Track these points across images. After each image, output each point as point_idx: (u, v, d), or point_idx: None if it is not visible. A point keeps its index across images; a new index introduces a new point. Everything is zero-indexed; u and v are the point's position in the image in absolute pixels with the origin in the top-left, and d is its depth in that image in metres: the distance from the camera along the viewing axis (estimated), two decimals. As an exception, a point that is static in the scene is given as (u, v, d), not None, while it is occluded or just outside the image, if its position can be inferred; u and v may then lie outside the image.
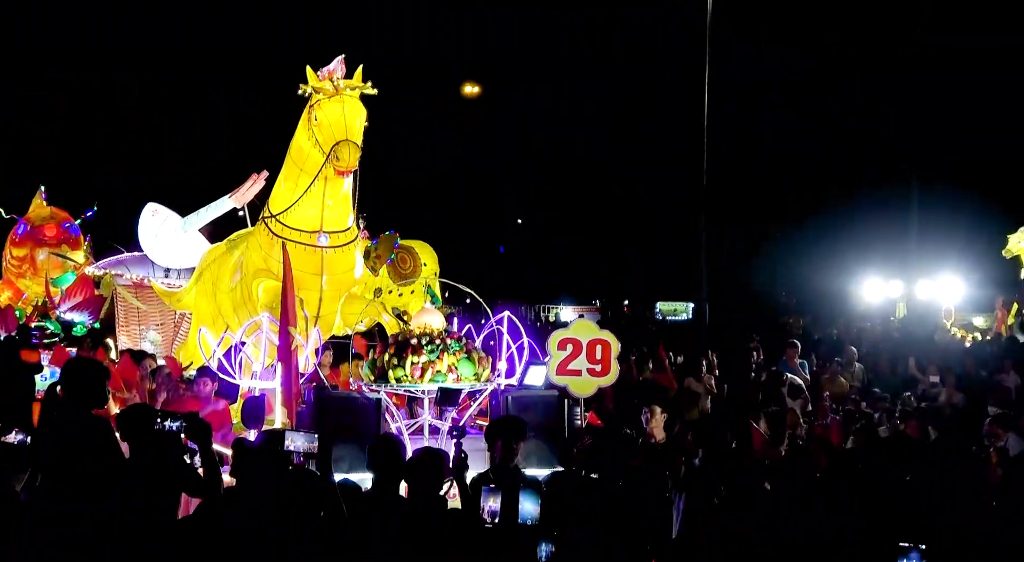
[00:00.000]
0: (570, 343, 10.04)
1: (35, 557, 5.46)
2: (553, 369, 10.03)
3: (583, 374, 10.03)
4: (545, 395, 10.07)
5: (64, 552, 5.45)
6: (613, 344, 10.06)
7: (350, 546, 5.87)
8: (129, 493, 5.86)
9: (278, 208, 11.63)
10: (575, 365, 10.01)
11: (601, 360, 10.01)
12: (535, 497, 5.91)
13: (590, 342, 10.04)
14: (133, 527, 5.63)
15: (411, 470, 6.37)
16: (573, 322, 10.36)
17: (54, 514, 5.59)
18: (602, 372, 10.05)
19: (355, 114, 11.10)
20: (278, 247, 11.39)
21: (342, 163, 10.88)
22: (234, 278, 12.25)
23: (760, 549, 5.55)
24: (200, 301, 13.13)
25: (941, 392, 17.36)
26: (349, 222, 11.67)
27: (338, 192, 11.39)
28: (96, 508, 5.58)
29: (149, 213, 14.36)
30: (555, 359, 10.03)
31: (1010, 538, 6.52)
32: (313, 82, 11.20)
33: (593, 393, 10.28)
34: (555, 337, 10.12)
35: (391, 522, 6.02)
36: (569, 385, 10.03)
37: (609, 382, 10.21)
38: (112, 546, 5.48)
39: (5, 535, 5.68)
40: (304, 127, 11.41)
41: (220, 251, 13.13)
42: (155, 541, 5.53)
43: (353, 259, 11.72)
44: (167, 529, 5.60)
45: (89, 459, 5.96)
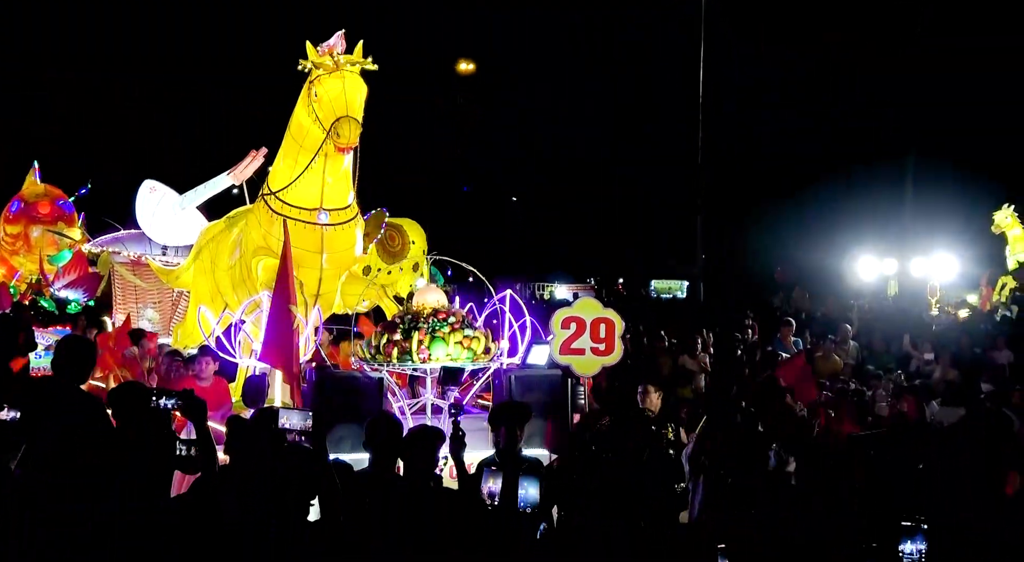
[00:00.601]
0: (574, 322, 9.89)
1: (35, 557, 5.32)
2: (557, 348, 9.86)
3: (587, 353, 9.87)
4: (548, 374, 9.93)
5: (64, 551, 5.31)
6: (617, 323, 9.90)
7: (347, 525, 5.79)
8: (128, 486, 5.72)
9: (278, 185, 11.41)
10: (579, 344, 9.86)
11: (605, 339, 9.85)
12: (536, 482, 5.81)
13: (594, 321, 9.89)
14: (133, 523, 5.49)
15: (407, 448, 6.33)
16: (577, 300, 10.17)
17: (55, 513, 5.42)
18: (606, 351, 9.91)
19: (356, 90, 10.87)
20: (277, 224, 11.19)
21: (343, 139, 10.66)
22: (233, 256, 12.04)
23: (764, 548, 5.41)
24: (198, 279, 12.91)
25: (936, 369, 17.35)
26: (349, 199, 11.46)
27: (338, 169, 11.18)
28: (97, 507, 5.45)
29: (147, 190, 14.15)
30: (558, 338, 9.87)
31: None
32: (313, 57, 10.97)
33: (597, 372, 10.14)
34: (559, 316, 9.96)
35: (388, 501, 5.95)
36: (573, 364, 9.87)
37: (613, 361, 10.05)
38: (112, 543, 5.35)
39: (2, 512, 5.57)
40: (304, 103, 11.18)
41: (219, 229, 12.91)
42: (155, 535, 5.40)
43: (353, 237, 11.51)
44: (164, 521, 5.48)
45: (88, 449, 5.77)
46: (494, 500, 5.74)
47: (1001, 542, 5.79)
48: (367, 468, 6.65)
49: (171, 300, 15.06)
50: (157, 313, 15.01)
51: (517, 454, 7.31)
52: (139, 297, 15.10)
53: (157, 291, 15.05)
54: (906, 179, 33.65)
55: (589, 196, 42.40)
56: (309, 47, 11.01)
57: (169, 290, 14.87)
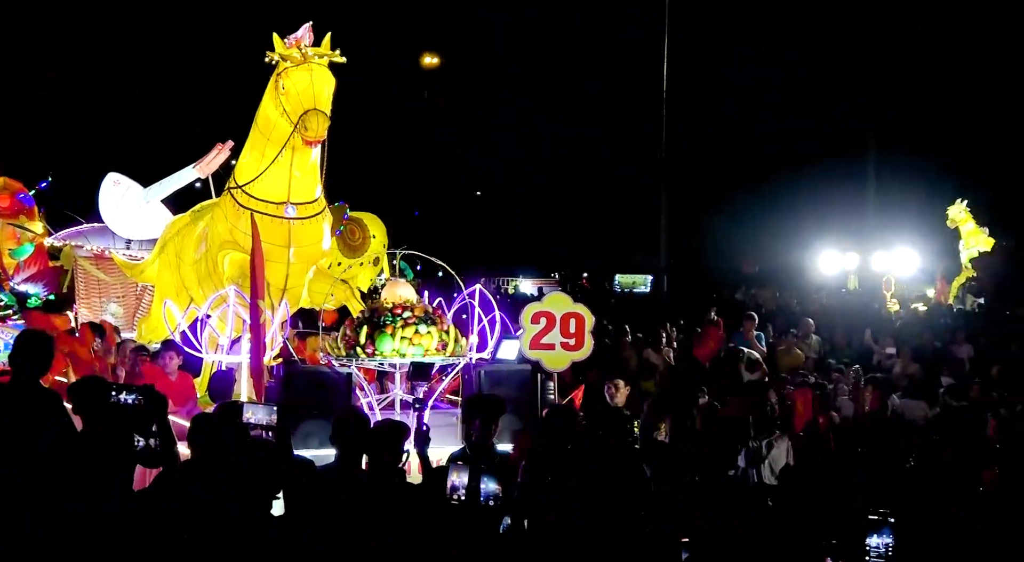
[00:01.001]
0: (544, 316, 9.80)
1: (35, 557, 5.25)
2: (526, 343, 9.78)
3: (556, 348, 9.79)
4: (518, 369, 9.83)
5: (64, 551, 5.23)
6: (587, 318, 9.81)
7: (310, 521, 5.70)
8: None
9: (244, 178, 11.25)
10: (548, 339, 9.78)
11: (575, 334, 9.76)
12: (494, 476, 5.72)
13: (564, 315, 9.81)
14: (133, 523, 5.35)
15: (372, 443, 6.26)
16: (547, 295, 10.08)
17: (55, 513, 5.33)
18: (576, 346, 9.83)
19: (324, 83, 10.71)
20: (244, 218, 11.04)
21: (310, 133, 10.51)
22: (199, 250, 11.87)
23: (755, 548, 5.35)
24: (163, 273, 12.72)
25: (896, 363, 17.42)
26: (317, 193, 11.31)
27: (306, 162, 11.03)
28: (96, 507, 5.33)
29: (110, 183, 13.93)
30: (528, 333, 9.78)
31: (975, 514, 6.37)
32: (280, 50, 10.80)
33: (567, 367, 10.05)
34: (529, 310, 9.87)
35: (353, 497, 5.88)
36: (542, 359, 9.79)
37: (583, 356, 9.98)
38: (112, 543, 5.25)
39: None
40: (271, 96, 11.01)
41: (184, 222, 12.73)
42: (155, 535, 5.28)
43: (321, 231, 11.37)
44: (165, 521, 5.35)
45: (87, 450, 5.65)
46: (458, 494, 5.63)
47: (978, 537, 5.76)
48: (332, 463, 6.57)
49: (135, 294, 14.82)
50: (121, 307, 14.76)
51: (490, 448, 7.19)
52: (102, 291, 14.83)
53: (121, 285, 14.81)
54: (868, 174, 33.81)
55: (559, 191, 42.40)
56: (276, 39, 10.84)
57: (133, 284, 14.64)
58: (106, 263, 14.66)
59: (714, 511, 5.89)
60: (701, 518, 5.61)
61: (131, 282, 14.53)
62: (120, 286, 14.79)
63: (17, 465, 5.65)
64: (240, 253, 11.04)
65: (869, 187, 33.59)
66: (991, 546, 5.71)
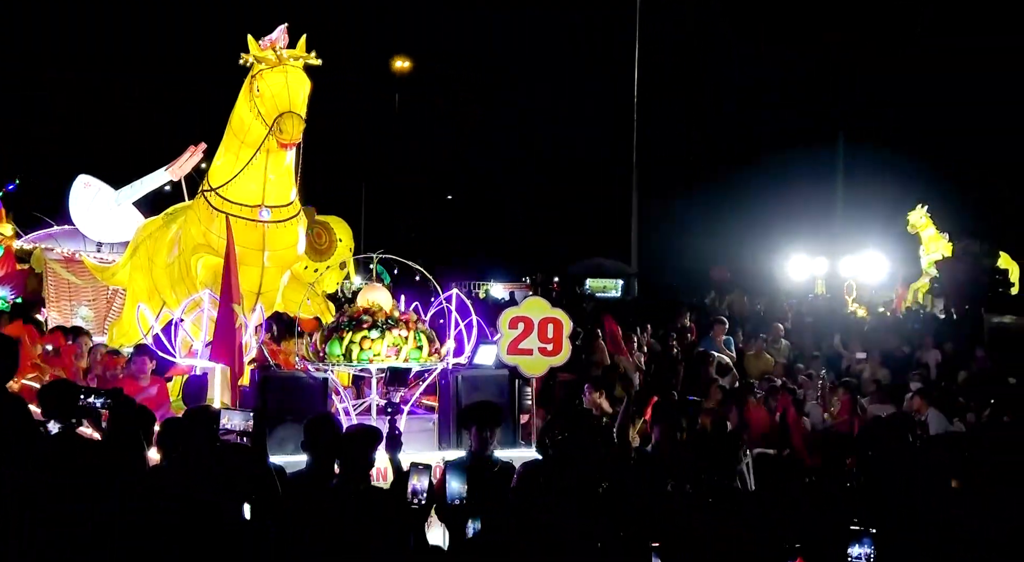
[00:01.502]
0: (521, 322, 9.61)
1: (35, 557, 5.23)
2: (504, 348, 9.60)
3: (535, 353, 9.61)
4: (495, 374, 9.68)
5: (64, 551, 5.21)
6: (565, 323, 9.66)
7: (279, 527, 5.65)
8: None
9: (218, 181, 11.10)
10: (526, 344, 9.59)
11: (553, 339, 9.60)
12: (461, 476, 5.69)
13: (542, 320, 9.63)
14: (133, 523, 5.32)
15: (344, 448, 6.19)
16: (525, 300, 9.93)
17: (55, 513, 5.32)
18: (554, 351, 9.64)
19: (299, 85, 10.59)
20: (218, 221, 10.89)
21: (285, 135, 10.38)
22: (171, 253, 11.69)
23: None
24: (135, 277, 12.52)
25: (865, 368, 17.46)
26: (291, 196, 11.18)
27: (280, 165, 10.90)
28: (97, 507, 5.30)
29: (81, 185, 13.73)
30: (506, 338, 9.60)
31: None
32: (255, 52, 10.68)
33: (545, 373, 9.91)
34: (506, 315, 9.69)
35: (323, 502, 5.83)
36: (520, 365, 9.62)
37: (561, 362, 9.80)
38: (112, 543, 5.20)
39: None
40: (245, 98, 10.89)
41: (156, 225, 12.55)
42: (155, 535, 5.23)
43: (295, 234, 11.23)
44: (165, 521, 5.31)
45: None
46: (419, 499, 5.59)
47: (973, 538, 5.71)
48: (304, 469, 6.48)
49: (106, 298, 14.58)
50: (91, 311, 14.51)
51: (488, 457, 7.06)
52: (73, 295, 14.57)
53: (91, 289, 14.57)
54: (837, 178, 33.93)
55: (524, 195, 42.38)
56: (251, 41, 10.72)
57: (104, 288, 14.41)
58: (76, 266, 14.43)
59: (708, 513, 5.81)
60: (696, 520, 5.54)
61: (102, 285, 14.31)
62: (91, 289, 14.56)
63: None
64: (214, 257, 10.88)
65: (838, 191, 33.69)
66: (986, 547, 5.66)
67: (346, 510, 5.78)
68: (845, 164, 34.00)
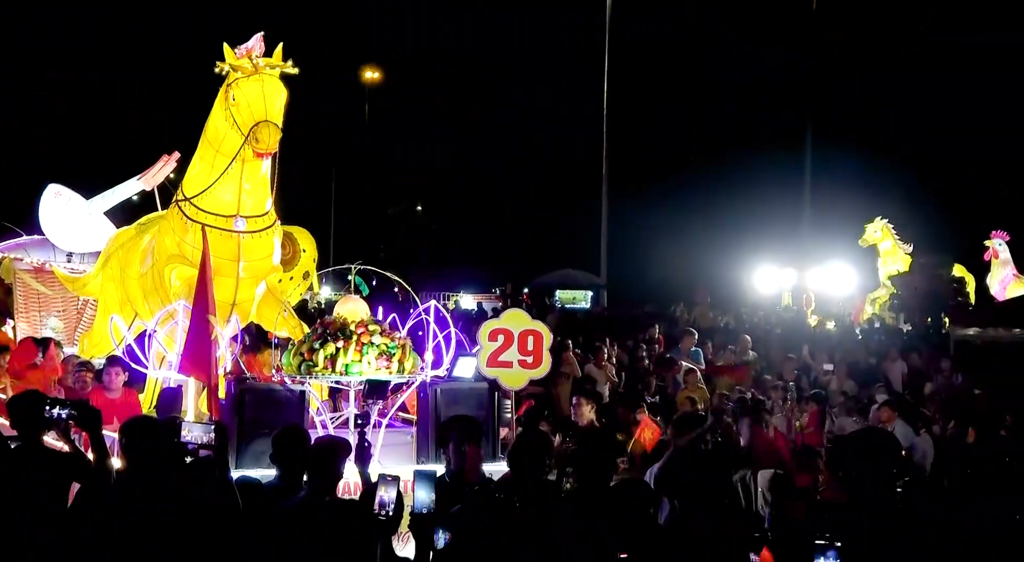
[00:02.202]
0: (501, 334, 9.45)
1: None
2: (483, 360, 9.42)
3: (514, 366, 9.44)
4: (474, 387, 9.50)
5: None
6: (545, 335, 9.49)
7: (247, 539, 5.62)
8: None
9: (192, 191, 10.86)
10: (506, 356, 9.42)
11: (533, 352, 9.43)
12: (429, 485, 5.54)
13: (522, 333, 9.47)
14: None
15: (312, 460, 6.12)
16: (505, 312, 9.74)
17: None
18: (534, 364, 9.48)
19: (275, 94, 10.38)
20: (192, 231, 10.66)
21: (262, 145, 10.16)
22: (144, 264, 11.43)
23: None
24: (107, 287, 12.25)
25: (832, 379, 17.46)
26: (267, 206, 10.95)
27: (256, 174, 10.68)
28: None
29: (51, 195, 13.43)
30: (485, 350, 9.43)
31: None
32: (231, 60, 10.46)
33: (524, 386, 9.72)
34: (486, 327, 9.53)
35: (291, 514, 5.77)
36: (500, 377, 9.44)
37: (540, 374, 9.64)
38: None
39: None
40: (221, 107, 10.66)
41: (129, 235, 12.29)
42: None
43: (271, 245, 11.00)
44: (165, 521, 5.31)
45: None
46: (387, 510, 5.48)
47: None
48: (273, 481, 6.45)
49: (76, 308, 14.23)
50: (61, 322, 14.15)
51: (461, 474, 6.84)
52: (42, 305, 14.21)
53: (61, 299, 14.22)
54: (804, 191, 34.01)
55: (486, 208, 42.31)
56: (227, 49, 10.50)
57: (74, 298, 14.08)
58: (47, 276, 14.08)
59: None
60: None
61: (72, 296, 13.99)
62: (61, 300, 14.21)
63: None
64: (188, 267, 10.65)
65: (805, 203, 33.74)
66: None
67: (313, 522, 5.71)
68: (813, 176, 34.06)
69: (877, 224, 28.07)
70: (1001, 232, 25.42)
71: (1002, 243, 25.02)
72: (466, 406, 9.24)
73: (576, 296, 35.24)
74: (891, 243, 28.00)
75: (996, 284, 25.17)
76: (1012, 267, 24.99)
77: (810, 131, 33.79)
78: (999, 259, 24.94)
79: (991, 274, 25.24)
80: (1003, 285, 25.17)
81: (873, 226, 28.12)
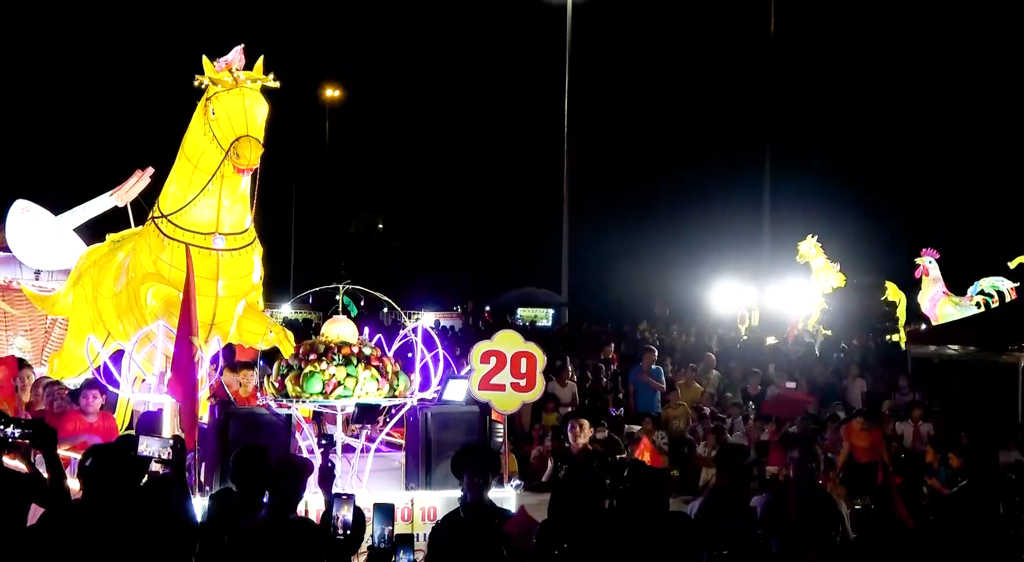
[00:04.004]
0: (493, 356, 8.95)
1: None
2: (475, 383, 8.92)
3: (507, 389, 8.94)
4: (465, 411, 8.99)
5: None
6: (539, 357, 9.00)
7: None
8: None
9: (169, 208, 10.35)
10: (498, 379, 8.93)
11: (526, 374, 8.95)
12: (388, 518, 5.52)
13: (514, 355, 8.98)
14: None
15: (272, 480, 5.98)
16: (497, 333, 9.23)
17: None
18: (527, 387, 9.00)
19: (256, 108, 9.89)
20: (170, 249, 10.16)
21: (243, 160, 9.66)
22: (119, 282, 10.88)
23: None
24: (78, 306, 11.66)
25: (789, 395, 17.36)
26: (247, 223, 10.46)
27: (235, 191, 10.22)
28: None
29: (18, 210, 12.78)
30: (477, 373, 8.93)
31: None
32: (210, 73, 9.94)
33: (517, 409, 9.22)
34: (478, 349, 9.03)
35: (250, 534, 5.65)
36: (492, 401, 8.94)
37: (534, 398, 9.17)
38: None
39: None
40: (199, 121, 10.16)
41: (101, 252, 11.72)
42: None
43: (251, 263, 10.51)
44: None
45: None
46: (345, 530, 5.41)
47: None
48: (234, 502, 6.31)
49: (44, 327, 13.55)
50: (28, 341, 13.45)
51: (484, 504, 6.34)
52: (9, 324, 13.50)
53: (28, 318, 13.54)
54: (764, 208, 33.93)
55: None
56: (206, 62, 10.03)
57: (42, 317, 13.42)
58: (13, 295, 13.41)
59: None
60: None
61: (40, 315, 13.35)
62: (28, 319, 13.53)
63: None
64: (165, 285, 10.09)
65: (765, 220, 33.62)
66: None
67: (272, 542, 5.57)
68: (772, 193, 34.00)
69: (809, 241, 27.93)
70: (931, 250, 25.39)
71: (932, 261, 24.97)
72: (457, 430, 8.79)
73: (538, 314, 34.91)
74: (823, 260, 27.89)
75: (927, 301, 25.13)
76: (942, 284, 24.96)
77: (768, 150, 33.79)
78: (929, 277, 24.89)
79: (922, 291, 25.22)
80: (933, 302, 25.14)
81: (806, 243, 27.99)
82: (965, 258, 27.17)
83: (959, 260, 26.56)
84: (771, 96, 33.92)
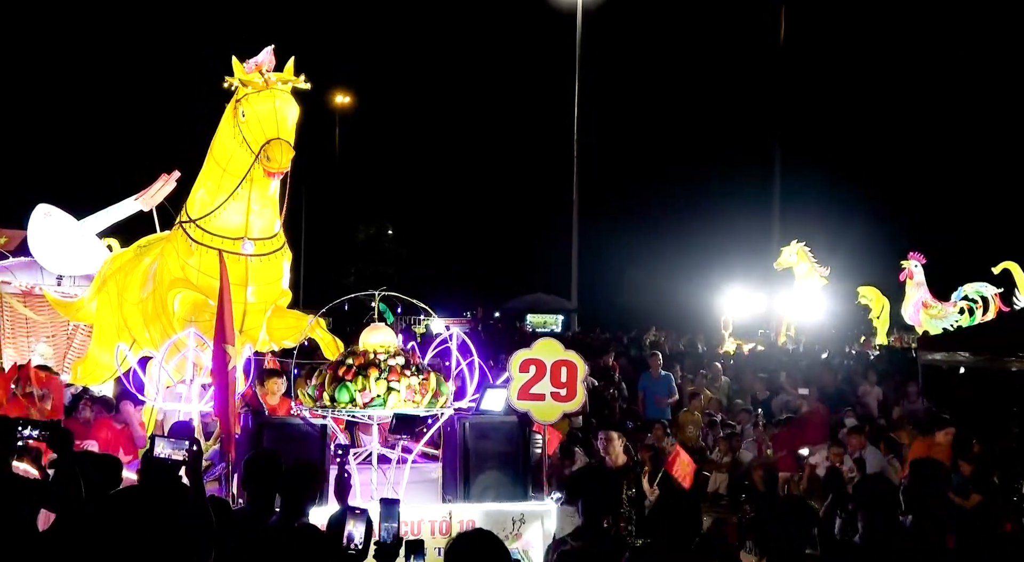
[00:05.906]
0: (533, 364, 8.56)
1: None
2: (514, 393, 8.51)
3: (547, 398, 8.53)
4: (504, 421, 8.58)
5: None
6: (580, 366, 8.58)
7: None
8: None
9: (198, 212, 9.99)
10: (538, 389, 8.53)
11: (566, 383, 8.53)
12: (393, 514, 5.23)
13: (554, 363, 8.57)
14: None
15: (282, 485, 5.90)
16: (537, 342, 8.81)
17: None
18: (567, 397, 8.58)
19: (287, 110, 9.50)
20: (197, 255, 9.79)
21: (274, 164, 9.28)
22: (145, 288, 10.48)
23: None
24: (103, 312, 11.26)
25: (803, 404, 16.98)
26: (276, 228, 10.05)
27: (265, 195, 9.86)
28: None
29: (41, 215, 12.41)
30: (516, 382, 8.52)
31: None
32: (240, 75, 9.56)
33: (558, 420, 8.79)
34: (517, 358, 8.62)
35: (258, 540, 5.44)
36: (531, 410, 8.53)
37: (575, 408, 8.74)
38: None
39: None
40: (229, 124, 9.80)
41: (127, 257, 11.35)
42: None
43: (281, 268, 10.12)
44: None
45: None
46: (355, 544, 5.12)
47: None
48: (243, 507, 6.20)
49: (66, 334, 13.17)
50: (50, 347, 13.04)
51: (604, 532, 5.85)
52: (31, 331, 13.10)
53: (51, 324, 13.16)
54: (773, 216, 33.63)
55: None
56: (236, 64, 9.65)
57: (64, 323, 13.05)
58: (35, 300, 13.02)
59: None
60: None
61: (62, 321, 12.97)
62: (50, 325, 13.16)
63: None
64: (193, 292, 9.68)
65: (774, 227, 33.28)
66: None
67: (280, 550, 5.31)
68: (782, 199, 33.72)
69: (793, 247, 27.62)
70: (918, 254, 25.09)
71: (918, 265, 24.67)
72: (496, 440, 8.45)
73: (547, 320, 34.55)
74: (807, 266, 27.55)
75: (910, 306, 24.87)
76: (925, 289, 24.67)
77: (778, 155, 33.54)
78: (914, 281, 24.60)
79: (905, 298, 24.95)
80: (916, 308, 24.87)
81: (789, 249, 27.67)
82: (950, 263, 26.94)
83: (943, 265, 26.35)
84: (781, 101, 33.72)
